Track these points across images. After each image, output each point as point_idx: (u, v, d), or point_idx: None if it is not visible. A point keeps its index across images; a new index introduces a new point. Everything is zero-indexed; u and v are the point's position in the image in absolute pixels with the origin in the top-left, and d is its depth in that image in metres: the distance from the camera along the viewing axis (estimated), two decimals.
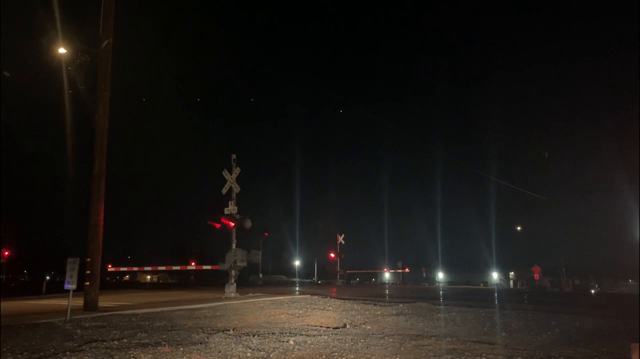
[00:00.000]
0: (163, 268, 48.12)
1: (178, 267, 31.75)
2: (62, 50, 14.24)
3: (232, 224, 18.53)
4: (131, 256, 67.78)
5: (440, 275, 59.67)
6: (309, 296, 17.73)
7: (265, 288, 30.75)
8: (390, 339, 7.44)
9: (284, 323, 9.66)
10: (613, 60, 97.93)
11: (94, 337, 7.47)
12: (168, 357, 6.04)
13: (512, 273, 56.97)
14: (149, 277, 75.47)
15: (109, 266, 32.32)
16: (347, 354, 6.30)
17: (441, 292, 27.64)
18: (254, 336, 7.59)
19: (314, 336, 7.69)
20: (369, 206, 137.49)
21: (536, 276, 43.49)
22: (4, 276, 54.74)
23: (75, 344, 6.79)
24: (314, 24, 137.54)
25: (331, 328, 8.89)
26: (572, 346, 6.99)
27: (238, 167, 19.26)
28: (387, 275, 58.35)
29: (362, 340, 7.34)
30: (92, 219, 13.02)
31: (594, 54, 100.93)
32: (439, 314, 11.18)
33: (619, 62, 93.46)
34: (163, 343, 6.90)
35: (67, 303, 10.42)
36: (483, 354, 6.22)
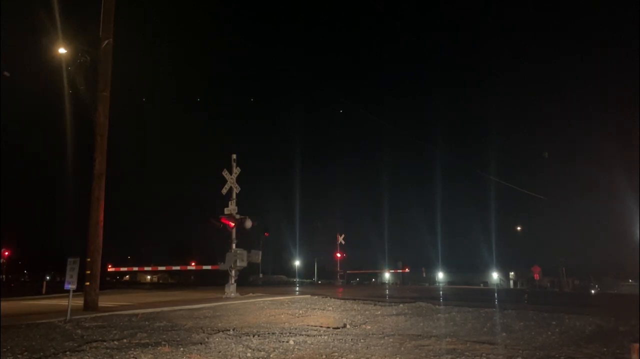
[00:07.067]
0: (163, 268, 48.14)
1: (178, 268, 31.74)
2: (62, 50, 14.24)
3: (232, 224, 18.52)
4: (131, 256, 67.87)
5: (440, 275, 59.50)
6: (309, 296, 17.72)
7: (265, 288, 30.73)
8: (390, 339, 7.44)
9: (284, 323, 9.66)
10: (613, 60, 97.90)
11: (94, 337, 7.47)
12: (168, 357, 6.04)
13: (512, 273, 56.77)
14: (149, 277, 75.54)
15: (109, 266, 32.35)
16: (347, 354, 6.30)
17: (441, 292, 27.60)
18: (254, 336, 7.59)
19: (314, 336, 7.69)
20: (369, 206, 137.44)
21: (536, 276, 43.44)
22: (4, 276, 54.73)
23: (75, 344, 6.79)
24: (314, 23, 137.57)
25: (331, 328, 8.89)
26: (572, 346, 6.98)
27: (238, 167, 19.25)
28: (387, 275, 58.30)
29: (362, 340, 7.33)
30: (92, 219, 13.03)
31: (594, 53, 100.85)
32: (439, 314, 11.16)
33: (618, 62, 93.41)
34: (163, 343, 6.90)
35: (67, 303, 10.41)
36: (483, 354, 6.22)
